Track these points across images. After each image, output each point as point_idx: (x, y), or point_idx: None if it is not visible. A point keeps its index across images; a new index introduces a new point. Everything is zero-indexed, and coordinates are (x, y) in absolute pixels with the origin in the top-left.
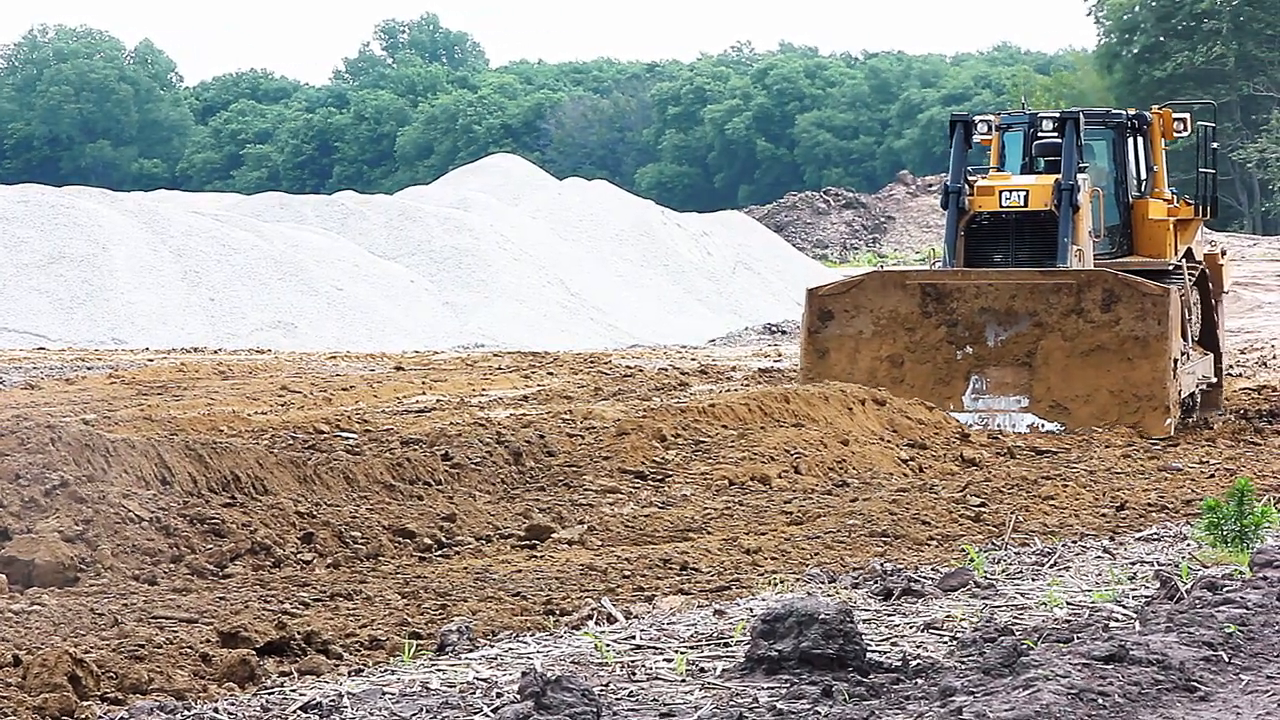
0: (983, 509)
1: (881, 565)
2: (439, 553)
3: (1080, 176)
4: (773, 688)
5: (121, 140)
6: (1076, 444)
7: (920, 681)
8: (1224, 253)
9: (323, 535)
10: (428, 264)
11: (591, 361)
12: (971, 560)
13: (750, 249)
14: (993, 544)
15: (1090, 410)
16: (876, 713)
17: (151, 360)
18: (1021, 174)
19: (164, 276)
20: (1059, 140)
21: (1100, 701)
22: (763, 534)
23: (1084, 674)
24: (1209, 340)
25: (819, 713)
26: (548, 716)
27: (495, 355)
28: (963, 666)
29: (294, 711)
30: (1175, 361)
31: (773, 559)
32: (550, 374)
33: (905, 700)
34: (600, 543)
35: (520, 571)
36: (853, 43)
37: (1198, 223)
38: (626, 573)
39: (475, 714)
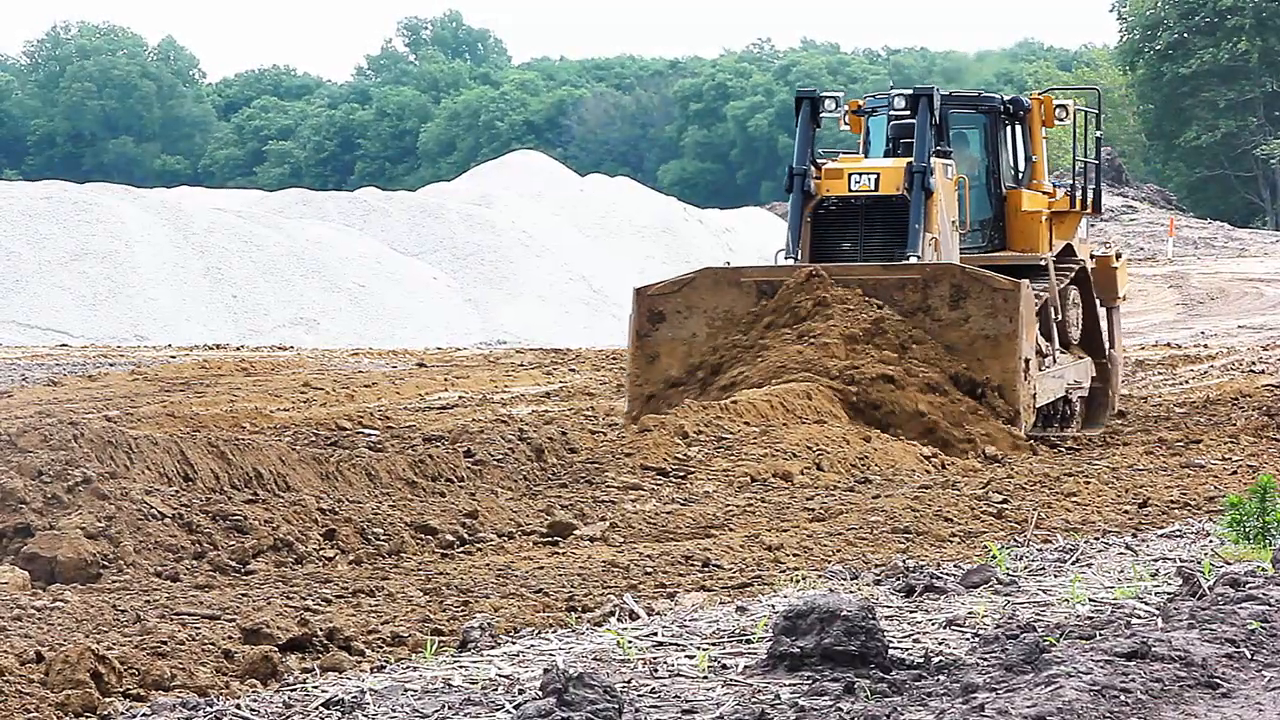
0: (1005, 506)
1: (904, 562)
2: (461, 549)
3: (943, 162)
4: (795, 684)
5: (144, 137)
6: (1098, 441)
7: (942, 678)
8: (1119, 255)
9: (345, 532)
10: (450, 260)
11: (614, 358)
12: (994, 557)
13: (773, 245)
14: (1015, 541)
15: None
16: (898, 709)
17: (174, 357)
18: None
19: (187, 273)
20: (914, 120)
21: (1122, 698)
22: (785, 531)
23: (1106, 671)
24: (1092, 344)
25: (841, 709)
26: (570, 713)
27: (517, 352)
28: (985, 663)
29: (316, 708)
30: (1028, 362)
31: (795, 556)
32: (572, 370)
33: (927, 697)
34: (622, 539)
35: (542, 568)
36: (875, 39)
37: (1077, 216)
38: (648, 569)
39: (497, 710)
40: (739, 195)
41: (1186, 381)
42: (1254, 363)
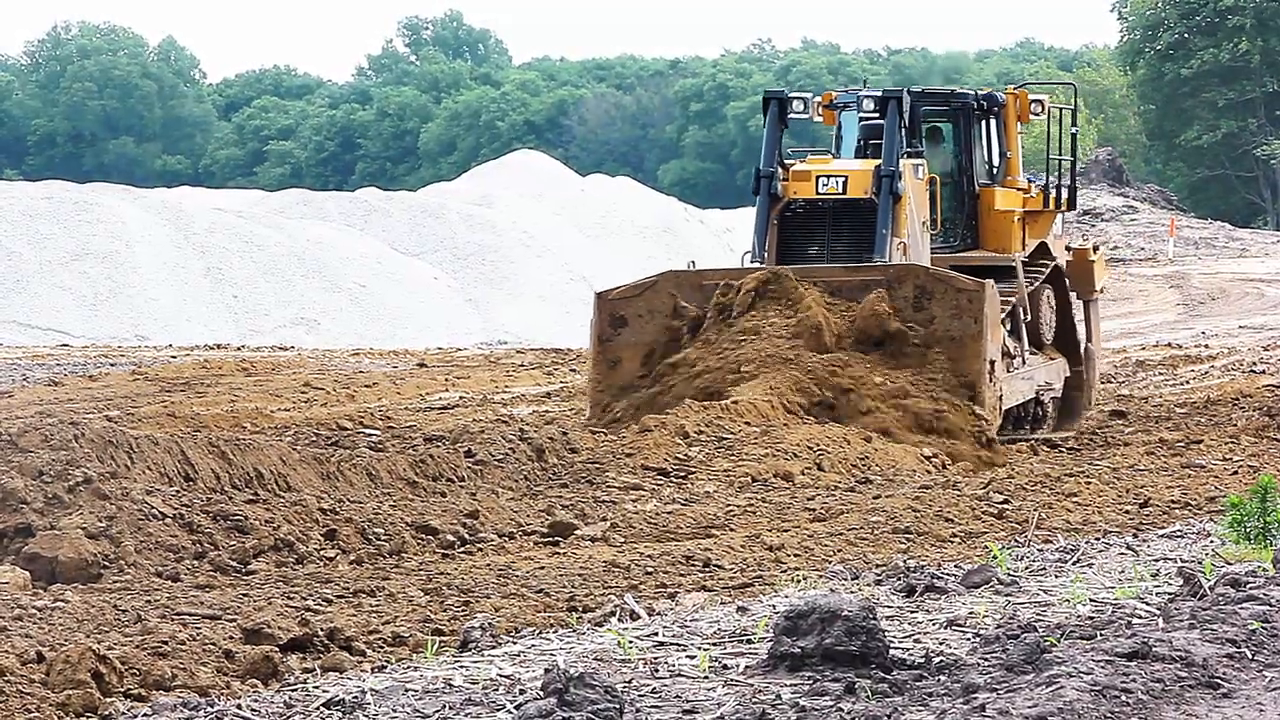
0: (1006, 506)
1: (904, 562)
2: (462, 549)
3: (913, 162)
4: (795, 684)
5: (145, 137)
6: (1099, 441)
7: (943, 678)
8: (1096, 248)
9: (345, 532)
10: (451, 261)
11: None
12: (994, 557)
13: None
14: (1016, 541)
15: None
16: (899, 709)
17: (175, 357)
18: (856, 158)
19: (187, 273)
20: (883, 121)
21: (1123, 698)
22: (786, 531)
23: (1107, 671)
24: (1066, 343)
25: (842, 710)
26: (571, 713)
27: (518, 352)
28: (985, 663)
29: (317, 708)
30: (993, 363)
31: (796, 556)
32: (573, 371)
33: (928, 697)
34: (623, 539)
35: (543, 568)
36: (875, 39)
37: (1052, 215)
38: (649, 569)
39: (498, 710)
40: (740, 195)
41: (1187, 382)
42: (1255, 363)
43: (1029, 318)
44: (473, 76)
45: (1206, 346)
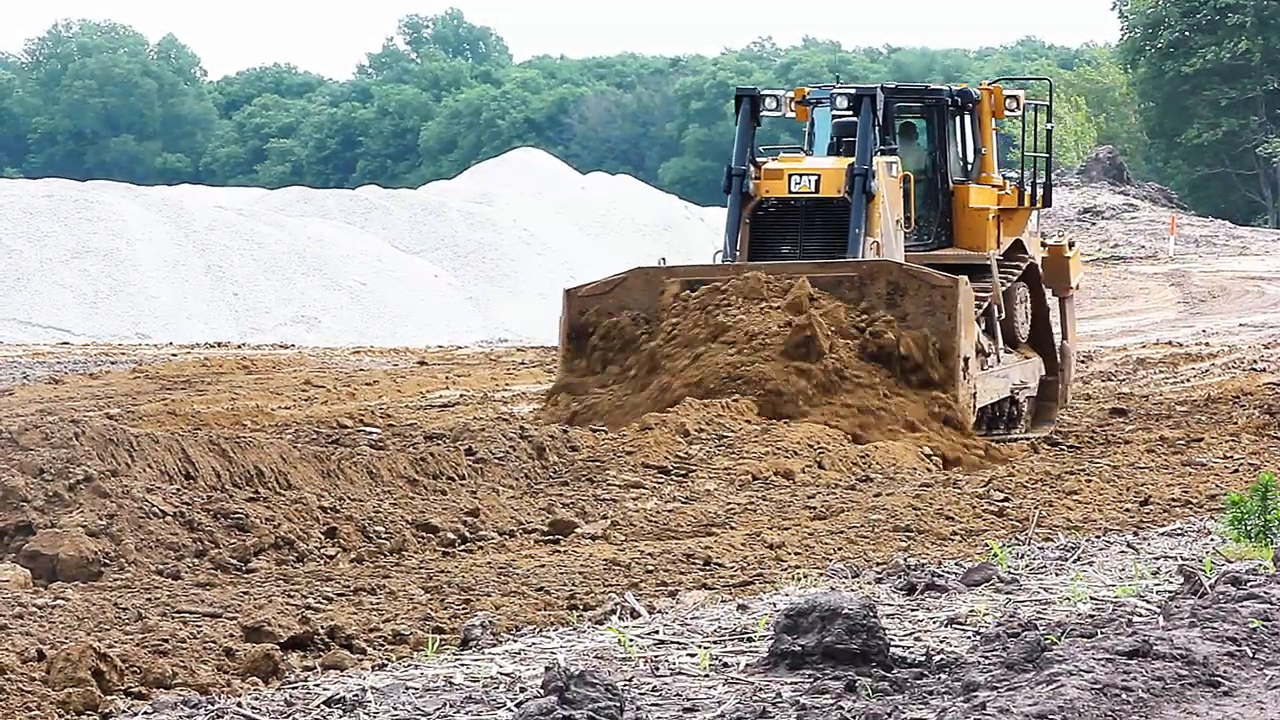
0: (1006, 504)
1: (905, 560)
2: (462, 547)
3: (886, 160)
4: (796, 683)
5: (145, 135)
6: (1100, 439)
7: (943, 676)
8: (1071, 244)
9: (346, 530)
10: (451, 258)
11: None
12: (995, 555)
13: None
14: (1016, 539)
15: None
16: (900, 707)
17: (175, 355)
18: (828, 154)
19: (188, 271)
20: (856, 119)
21: (1124, 696)
22: (786, 529)
23: (1107, 669)
24: (1041, 342)
25: (842, 708)
26: (571, 711)
27: (518, 350)
28: (986, 661)
29: (317, 706)
30: (967, 361)
31: (796, 554)
32: None
33: (928, 695)
34: (623, 538)
35: (543, 566)
36: (876, 37)
37: (1027, 212)
38: (650, 568)
39: (499, 709)
40: None
41: (1188, 379)
42: (1255, 361)
43: (1003, 316)
44: (473, 74)
45: (1207, 344)
